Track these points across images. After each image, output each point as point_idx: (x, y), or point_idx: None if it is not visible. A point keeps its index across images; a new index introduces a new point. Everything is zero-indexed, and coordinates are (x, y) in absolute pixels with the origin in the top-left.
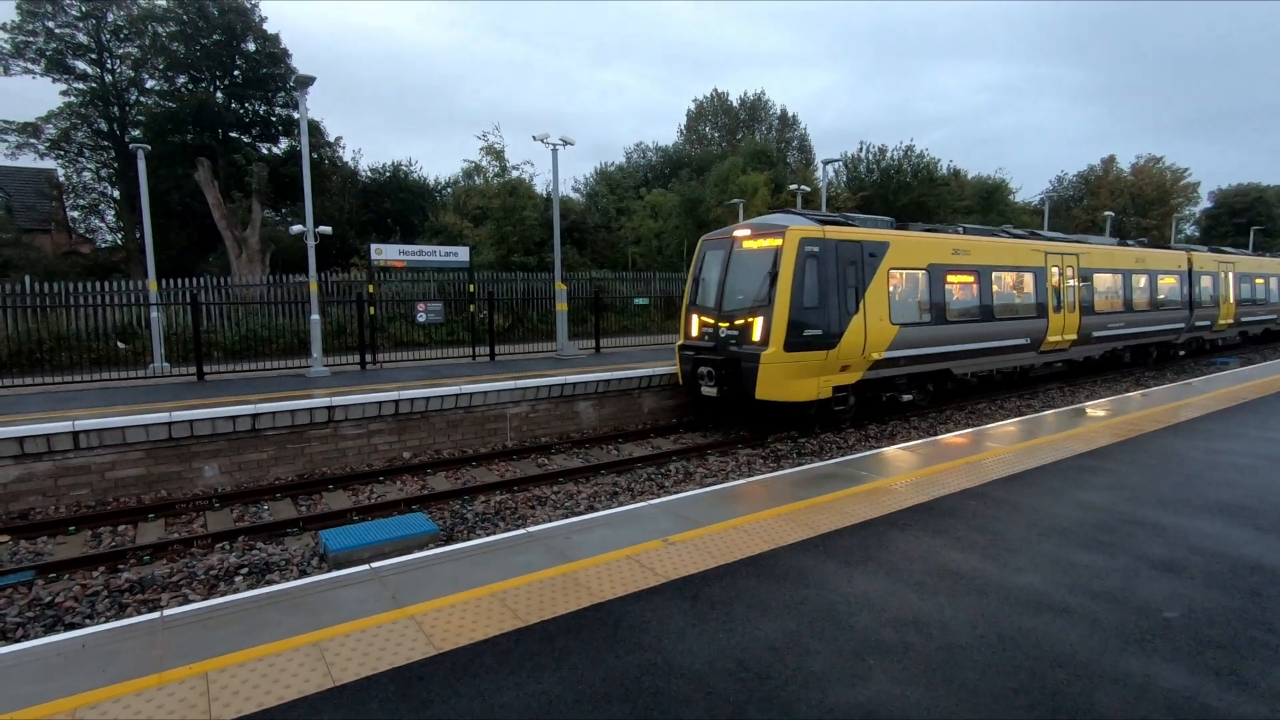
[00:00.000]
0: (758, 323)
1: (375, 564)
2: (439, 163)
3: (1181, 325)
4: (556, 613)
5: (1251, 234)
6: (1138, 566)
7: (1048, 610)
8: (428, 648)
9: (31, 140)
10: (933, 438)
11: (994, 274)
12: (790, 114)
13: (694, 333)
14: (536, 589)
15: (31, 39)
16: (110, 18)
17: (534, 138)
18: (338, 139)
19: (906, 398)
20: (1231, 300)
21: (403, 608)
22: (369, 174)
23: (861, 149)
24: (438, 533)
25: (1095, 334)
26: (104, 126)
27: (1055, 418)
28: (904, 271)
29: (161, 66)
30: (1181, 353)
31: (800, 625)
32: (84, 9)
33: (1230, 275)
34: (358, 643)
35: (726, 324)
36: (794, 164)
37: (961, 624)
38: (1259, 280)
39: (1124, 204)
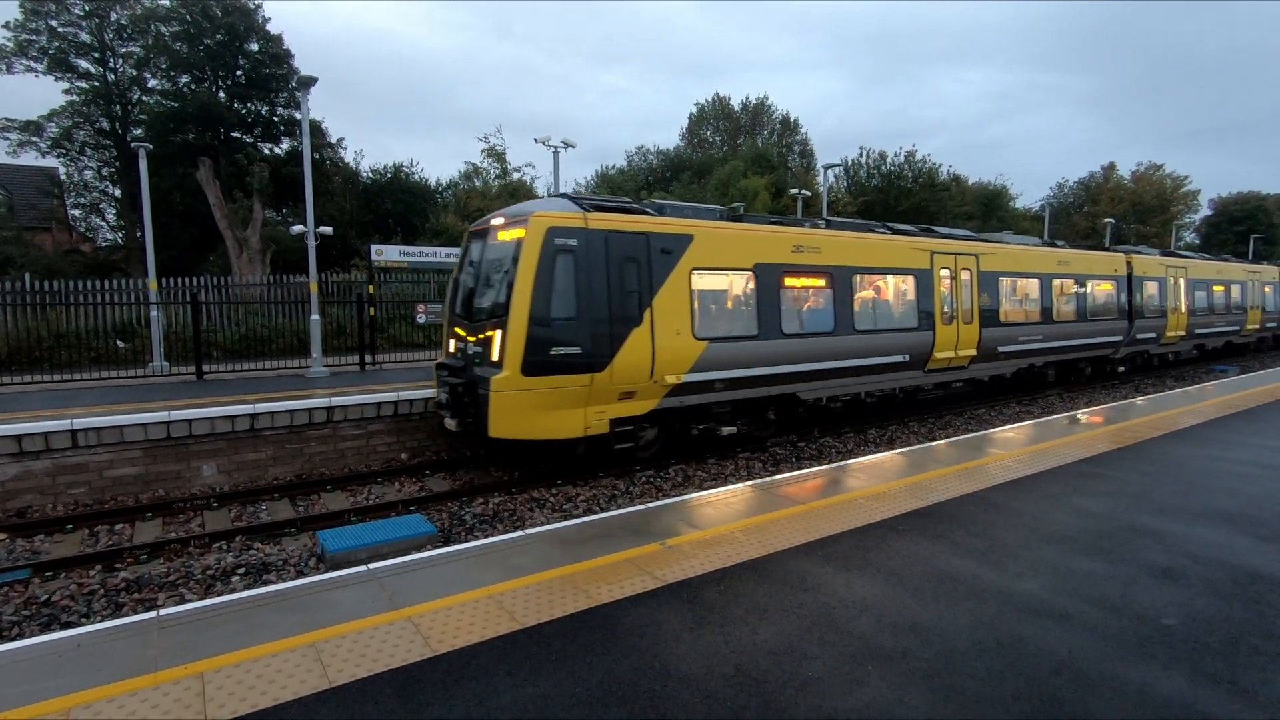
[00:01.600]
0: (496, 337)
1: (373, 565)
2: (440, 164)
3: (1119, 338)
4: (554, 615)
5: (1251, 242)
6: (1137, 574)
7: (1046, 616)
8: (425, 649)
9: (34, 138)
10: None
11: (855, 277)
12: (792, 119)
13: (451, 348)
14: (534, 591)
15: (35, 37)
16: (114, 17)
17: (535, 140)
18: (339, 140)
19: (728, 430)
20: (1183, 310)
21: (400, 609)
22: (370, 175)
23: (862, 154)
24: (435, 534)
25: (1003, 349)
26: (106, 125)
27: (1046, 427)
28: (716, 273)
29: (164, 66)
30: (1121, 369)
31: (799, 630)
32: (87, 8)
33: (1181, 282)
34: (354, 644)
35: (474, 337)
36: (795, 169)
37: (960, 630)
38: (1218, 288)
39: (1124, 211)
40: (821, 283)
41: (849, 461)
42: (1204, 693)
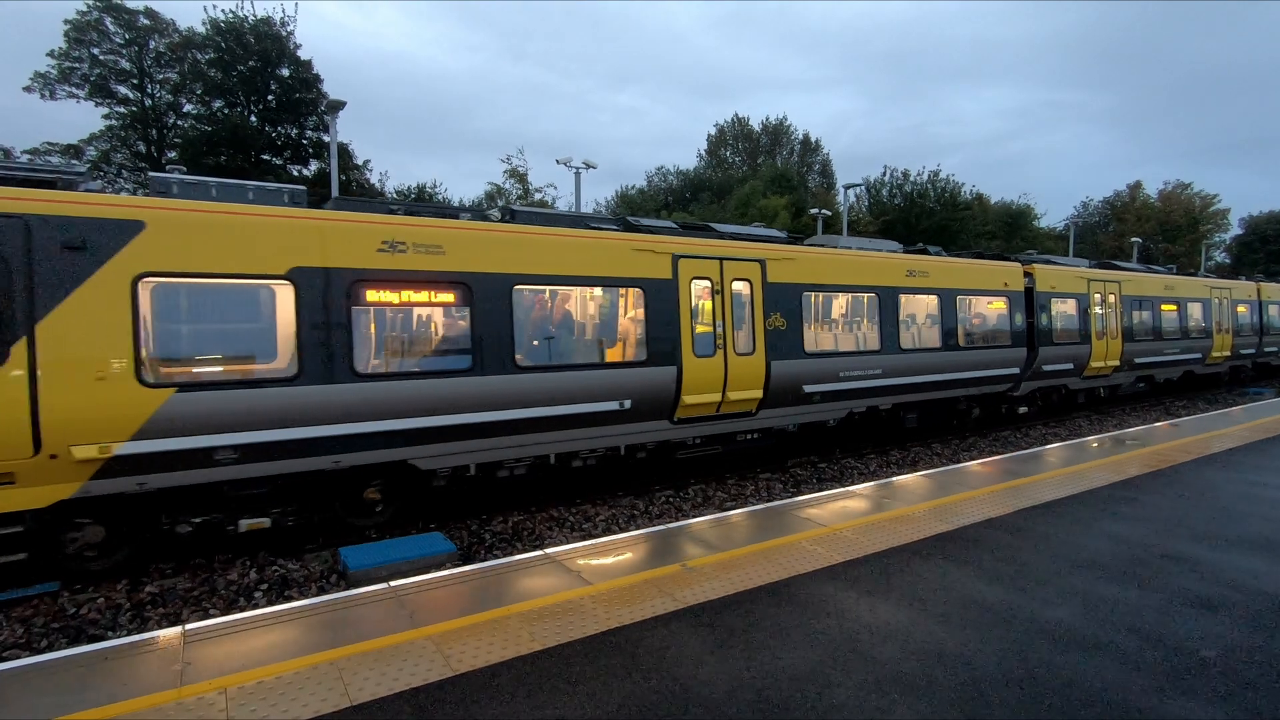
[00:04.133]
0: None
1: (394, 583)
2: (459, 184)
3: (1015, 370)
4: (574, 636)
5: None
6: (1172, 602)
7: (1078, 646)
8: (445, 669)
9: (74, 161)
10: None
11: (521, 290)
12: (813, 139)
13: None
14: (554, 611)
15: (77, 65)
16: (153, 45)
17: (557, 161)
18: (366, 161)
19: (251, 524)
20: (1116, 334)
21: (420, 628)
22: (395, 195)
23: (885, 173)
24: (455, 552)
25: (814, 388)
26: (142, 149)
27: (1077, 450)
28: (194, 282)
29: (199, 91)
30: (1023, 409)
31: (821, 655)
32: (128, 36)
33: (1113, 299)
34: (375, 662)
35: None
36: (815, 188)
37: (988, 658)
38: (1168, 307)
39: (1152, 230)
40: (450, 298)
41: (871, 483)
42: None
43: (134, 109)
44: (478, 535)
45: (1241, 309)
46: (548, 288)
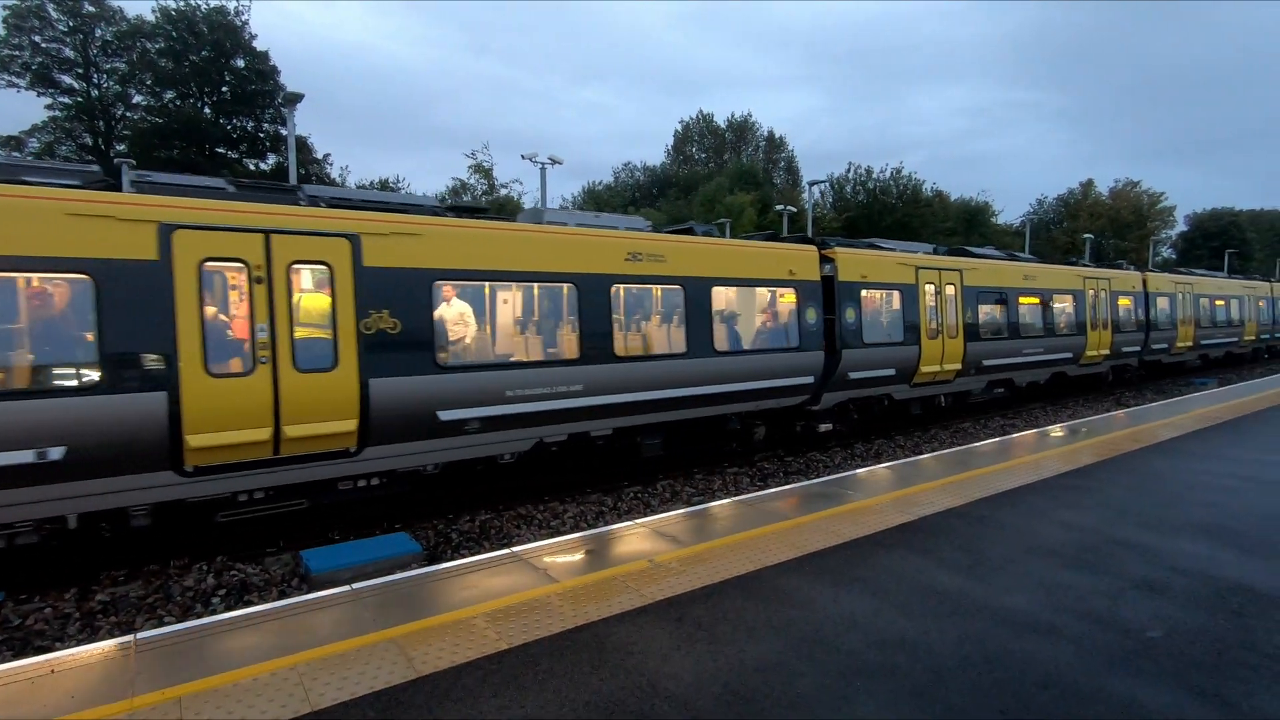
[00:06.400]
0: None
1: (356, 585)
2: (423, 180)
3: (808, 379)
4: (540, 634)
5: (1226, 257)
6: (1122, 587)
7: (1033, 631)
8: (408, 670)
9: (14, 154)
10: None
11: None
12: (778, 136)
13: None
14: (521, 609)
15: (17, 53)
16: (98, 33)
17: (523, 156)
18: (326, 156)
19: None
20: (957, 332)
21: (383, 630)
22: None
23: (849, 169)
24: (421, 553)
25: (454, 414)
26: (89, 141)
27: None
28: None
29: (149, 82)
30: (825, 426)
31: (787, 647)
32: (72, 24)
33: (953, 290)
34: (337, 666)
35: None
36: (781, 185)
37: (947, 645)
38: (1028, 300)
39: (1102, 226)
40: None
41: (835, 476)
42: (1189, 706)
43: (79, 99)
44: (444, 535)
45: (1124, 301)
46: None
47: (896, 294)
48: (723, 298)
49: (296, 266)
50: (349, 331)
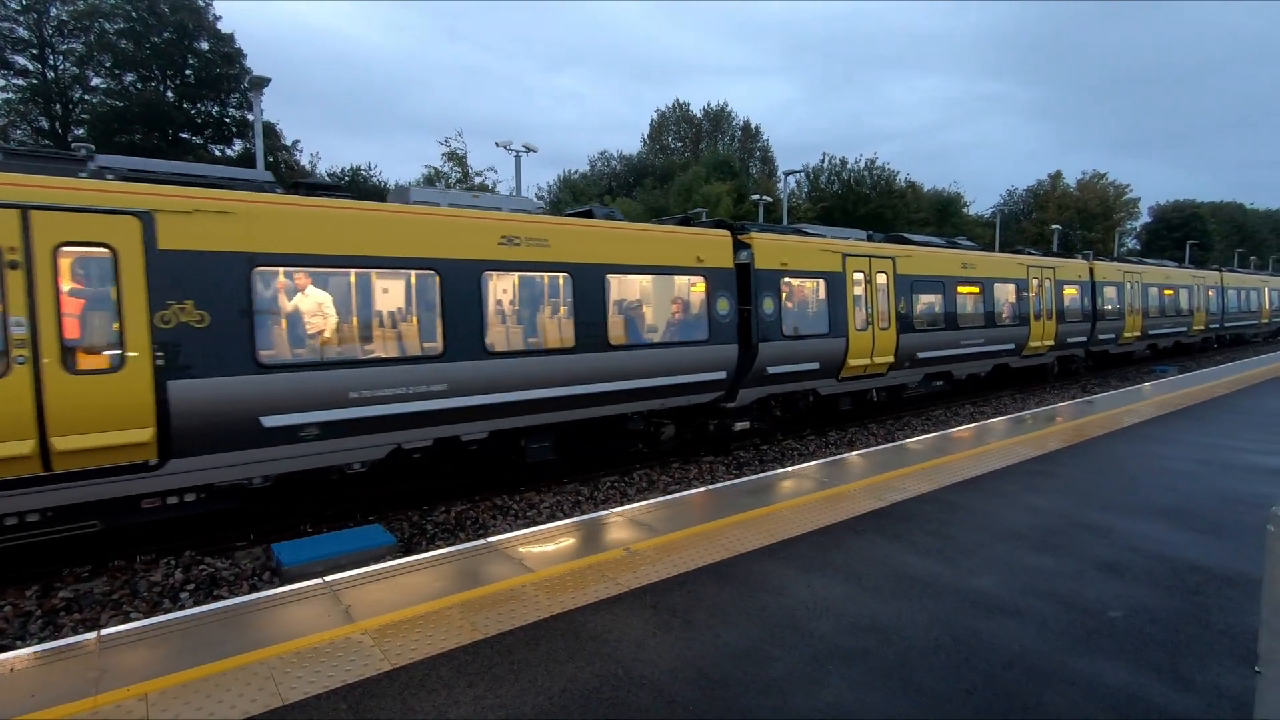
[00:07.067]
0: None
1: (329, 577)
2: (394, 167)
3: (720, 374)
4: (516, 624)
5: (1187, 248)
6: (1085, 569)
7: (1000, 612)
8: (382, 663)
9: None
10: None
11: None
12: (754, 125)
13: None
14: (496, 600)
15: None
16: (54, 12)
17: (497, 144)
18: (295, 142)
19: None
20: (889, 323)
21: (356, 622)
22: (328, 178)
23: (824, 160)
24: (395, 544)
25: (283, 420)
26: (45, 125)
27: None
28: None
29: (108, 64)
30: (741, 424)
31: (761, 632)
32: (25, 2)
33: (885, 279)
34: (309, 660)
35: None
36: (757, 175)
37: (918, 628)
38: (967, 289)
39: (1070, 218)
40: None
41: (810, 464)
42: (1148, 682)
43: (34, 81)
44: (419, 526)
45: (1070, 291)
46: None
47: (821, 283)
48: (619, 287)
49: (66, 249)
50: (139, 326)
